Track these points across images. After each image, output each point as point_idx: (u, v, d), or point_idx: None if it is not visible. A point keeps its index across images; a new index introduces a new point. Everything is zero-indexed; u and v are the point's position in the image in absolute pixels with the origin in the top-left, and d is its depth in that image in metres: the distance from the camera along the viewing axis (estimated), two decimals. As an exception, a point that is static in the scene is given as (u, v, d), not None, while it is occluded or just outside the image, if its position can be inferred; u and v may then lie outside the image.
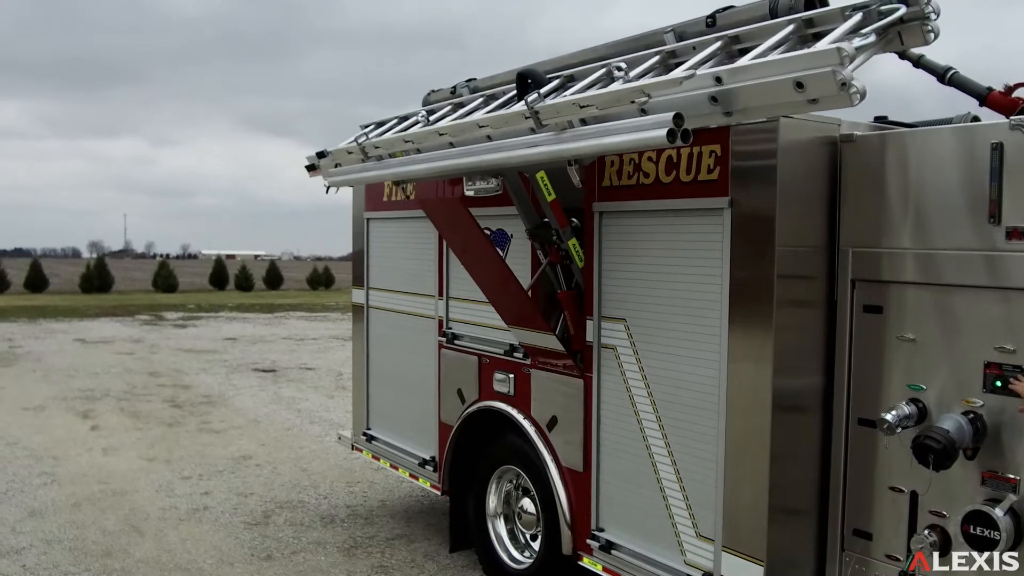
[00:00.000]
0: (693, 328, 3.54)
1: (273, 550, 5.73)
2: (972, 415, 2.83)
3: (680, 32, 3.67)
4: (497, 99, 4.36)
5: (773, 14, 3.28)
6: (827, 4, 3.25)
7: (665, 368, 3.72)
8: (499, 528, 5.07)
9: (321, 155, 5.20)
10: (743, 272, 3.26)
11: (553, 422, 4.41)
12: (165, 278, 37.65)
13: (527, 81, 3.87)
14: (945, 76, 3.67)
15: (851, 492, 3.26)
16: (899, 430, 2.94)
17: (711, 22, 3.55)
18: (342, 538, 5.97)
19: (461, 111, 4.54)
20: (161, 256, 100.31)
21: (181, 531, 6.09)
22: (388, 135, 4.68)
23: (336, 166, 5.09)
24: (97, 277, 36.01)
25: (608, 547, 4.06)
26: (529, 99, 3.37)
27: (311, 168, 5.36)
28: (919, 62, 3.78)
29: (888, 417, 2.94)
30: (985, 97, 3.55)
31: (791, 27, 2.97)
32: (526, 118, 3.38)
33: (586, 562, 4.21)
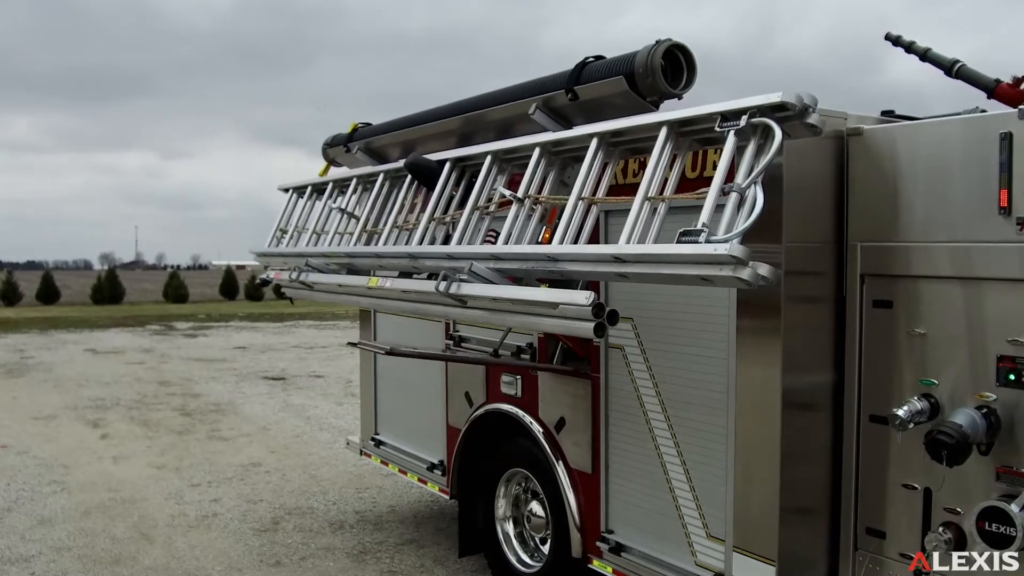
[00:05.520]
0: (701, 326, 3.51)
1: (282, 556, 5.71)
2: (985, 409, 2.77)
3: (546, 107, 3.74)
4: (399, 181, 4.51)
5: (631, 85, 3.32)
6: (692, 73, 3.29)
7: (673, 367, 3.69)
8: (508, 532, 5.04)
9: (264, 283, 5.69)
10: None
11: (561, 423, 4.38)
12: (176, 289, 37.78)
13: (419, 173, 4.15)
14: (952, 69, 3.64)
15: (863, 490, 3.20)
16: (911, 426, 2.89)
17: (572, 97, 3.60)
18: (351, 544, 5.95)
19: (370, 199, 4.68)
20: (172, 267, 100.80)
21: (190, 538, 6.09)
22: (323, 278, 4.86)
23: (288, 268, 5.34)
24: (108, 288, 36.17)
25: (618, 549, 4.02)
26: (440, 286, 3.49)
27: (263, 284, 5.84)
28: (926, 56, 3.76)
29: (900, 413, 2.88)
30: (993, 89, 3.51)
31: (665, 131, 2.96)
32: (445, 295, 3.51)
33: (596, 565, 4.17)
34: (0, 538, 6.08)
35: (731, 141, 2.70)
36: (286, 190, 5.69)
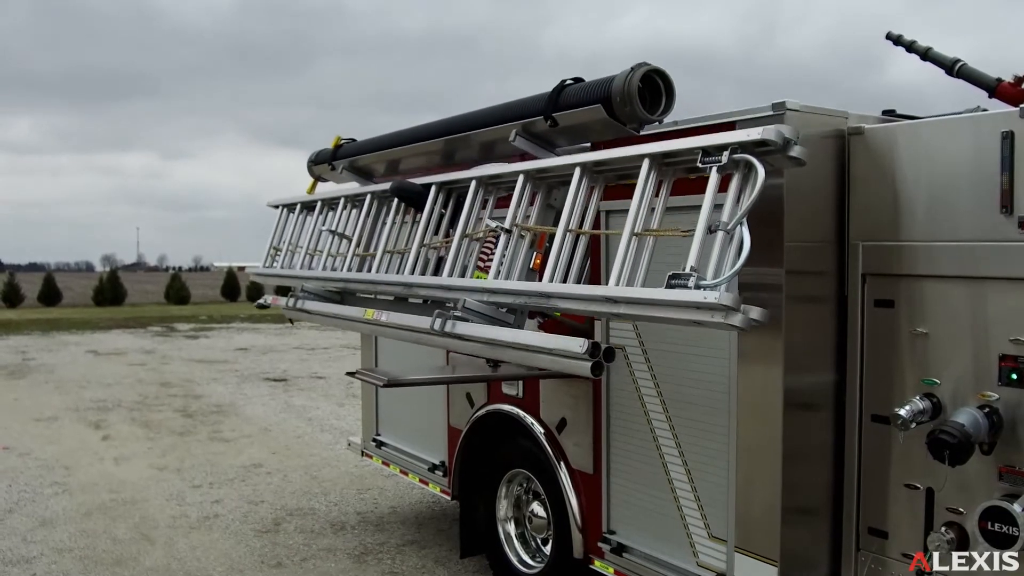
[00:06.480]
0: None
1: (283, 557, 5.71)
2: (988, 409, 2.77)
3: (526, 132, 3.74)
4: (387, 201, 4.51)
5: (610, 113, 3.30)
6: (670, 98, 3.28)
7: (674, 367, 3.68)
8: (510, 532, 5.03)
9: (263, 306, 5.95)
10: (751, 268, 3.21)
11: (562, 424, 4.38)
12: (177, 290, 37.79)
13: (405, 197, 4.19)
14: (953, 68, 3.64)
15: (865, 490, 3.20)
16: (913, 425, 2.88)
17: (552, 124, 3.59)
18: (352, 544, 5.95)
19: (360, 220, 4.68)
20: (173, 269, 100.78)
21: (191, 539, 6.09)
22: (320, 306, 4.91)
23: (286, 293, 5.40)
24: (110, 290, 36.18)
25: (620, 550, 4.01)
26: (436, 324, 3.51)
27: (262, 308, 6.00)
28: (927, 55, 3.76)
29: (902, 412, 2.88)
30: (994, 89, 3.51)
31: (647, 163, 2.95)
32: (442, 335, 3.55)
33: (598, 565, 4.16)
34: (2, 539, 6.08)
35: (714, 177, 2.68)
36: (276, 207, 5.72)
